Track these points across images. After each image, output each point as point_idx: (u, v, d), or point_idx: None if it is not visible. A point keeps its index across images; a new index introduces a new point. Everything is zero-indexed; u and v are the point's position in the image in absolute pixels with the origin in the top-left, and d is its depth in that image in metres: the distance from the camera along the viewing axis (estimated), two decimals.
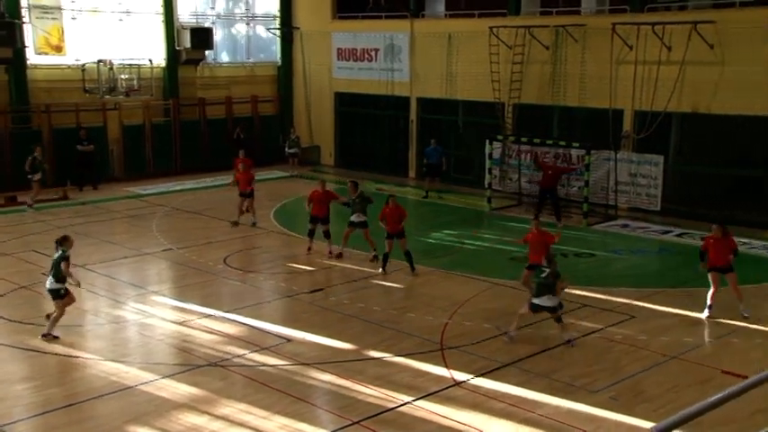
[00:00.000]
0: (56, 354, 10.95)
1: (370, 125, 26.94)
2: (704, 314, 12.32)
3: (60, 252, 11.53)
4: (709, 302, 12.32)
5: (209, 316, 12.53)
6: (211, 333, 11.80)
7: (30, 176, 20.35)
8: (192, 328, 12.05)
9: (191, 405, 9.37)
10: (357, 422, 8.88)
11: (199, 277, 14.71)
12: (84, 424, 8.97)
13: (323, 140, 28.23)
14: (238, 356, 10.84)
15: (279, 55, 28.80)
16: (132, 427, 8.86)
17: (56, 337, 11.41)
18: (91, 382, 10.05)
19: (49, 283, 11.50)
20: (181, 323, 12.23)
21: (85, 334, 11.94)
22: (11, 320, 12.30)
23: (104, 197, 22.30)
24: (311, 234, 16.06)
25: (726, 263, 12.31)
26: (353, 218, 15.63)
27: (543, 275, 11.07)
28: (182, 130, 26.02)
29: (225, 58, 28.09)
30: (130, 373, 10.26)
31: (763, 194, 18.22)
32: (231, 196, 20.11)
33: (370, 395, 9.61)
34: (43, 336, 11.39)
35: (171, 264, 15.82)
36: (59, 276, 11.40)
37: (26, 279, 14.37)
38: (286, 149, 26.26)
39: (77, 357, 10.85)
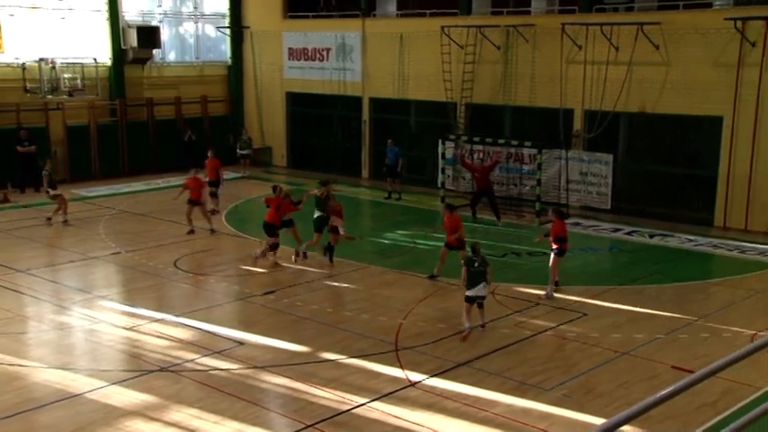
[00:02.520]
0: None
1: (322, 125, 26.87)
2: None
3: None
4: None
5: (159, 320, 12.33)
6: (162, 338, 11.62)
7: (48, 191, 18.97)
8: (142, 333, 11.85)
9: (141, 412, 9.22)
10: (311, 425, 8.85)
11: (148, 281, 14.49)
12: None
13: (274, 141, 28.06)
14: (190, 361, 10.70)
15: (229, 54, 28.52)
16: None
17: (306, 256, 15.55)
18: (35, 390, 9.80)
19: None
20: (130, 328, 12.02)
21: (29, 341, 11.64)
22: None
23: (48, 200, 21.73)
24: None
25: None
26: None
27: (476, 265, 11.43)
28: (129, 131, 25.58)
29: (173, 57, 27.70)
30: (77, 381, 10.04)
31: (709, 193, 18.72)
32: (181, 198, 19.85)
33: (325, 398, 9.58)
34: (296, 255, 15.49)
35: (119, 267, 15.54)
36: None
37: None
38: (238, 151, 25.97)
39: (21, 366, 10.57)
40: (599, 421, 8.79)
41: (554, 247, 13.69)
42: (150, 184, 24.07)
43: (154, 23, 26.34)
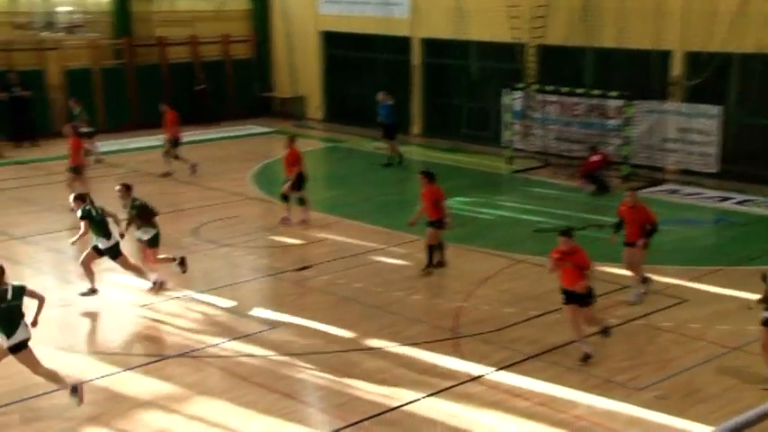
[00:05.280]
0: None
1: (365, 72, 26.65)
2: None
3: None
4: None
5: (177, 298, 12.57)
6: (180, 317, 11.87)
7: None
8: (157, 311, 12.11)
9: (157, 403, 9.44)
10: (357, 422, 8.96)
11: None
12: (34, 424, 9.03)
13: (309, 90, 28.06)
14: (212, 346, 10.89)
15: None
16: (88, 428, 8.93)
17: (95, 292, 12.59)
18: (31, 376, 9.99)
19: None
20: (143, 306, 12.28)
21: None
22: None
23: (46, 156, 22.13)
24: None
25: (634, 236, 12.32)
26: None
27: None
28: (138, 76, 25.82)
29: None
30: (83, 365, 10.30)
31: None
32: (196, 155, 20.14)
33: (370, 392, 9.67)
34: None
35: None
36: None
37: None
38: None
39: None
40: (701, 429, 8.72)
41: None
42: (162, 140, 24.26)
43: None
